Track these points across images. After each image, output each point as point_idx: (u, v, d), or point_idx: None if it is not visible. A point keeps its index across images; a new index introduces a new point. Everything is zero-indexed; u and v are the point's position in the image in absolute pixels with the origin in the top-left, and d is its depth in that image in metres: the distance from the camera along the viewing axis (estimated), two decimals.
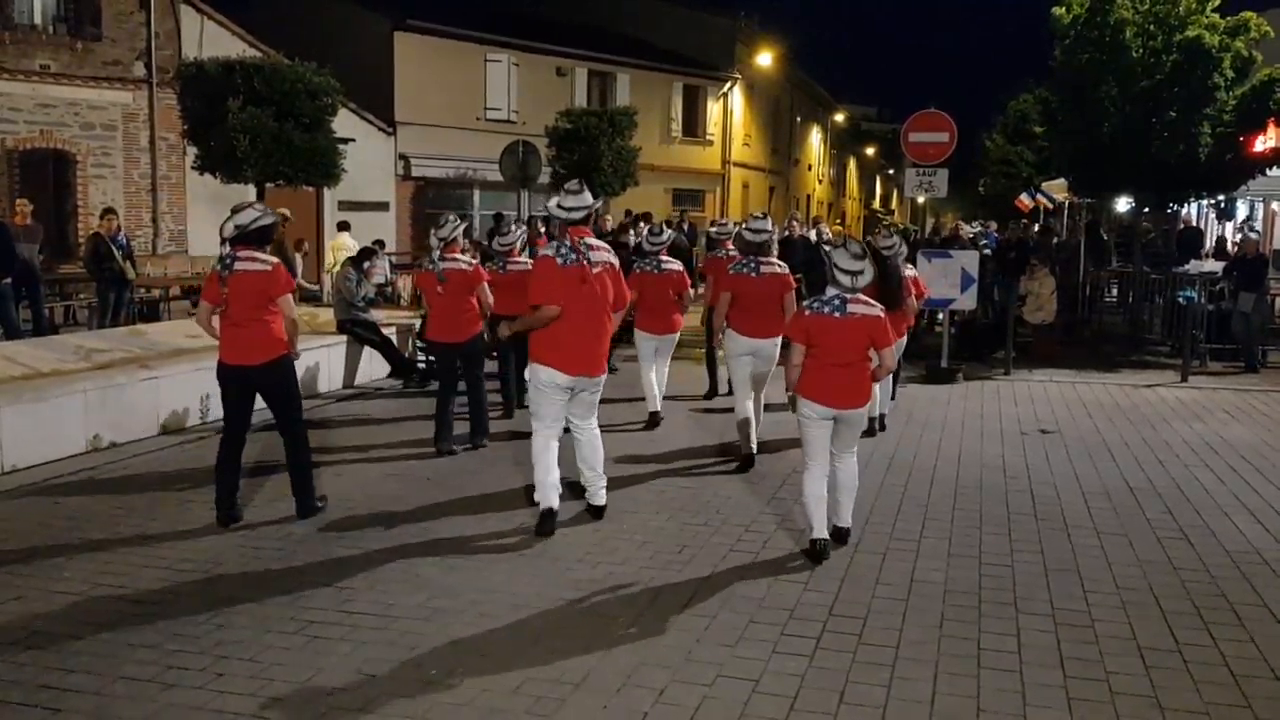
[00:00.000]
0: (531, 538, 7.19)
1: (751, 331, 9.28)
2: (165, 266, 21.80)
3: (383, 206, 27.80)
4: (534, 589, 6.27)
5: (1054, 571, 6.80)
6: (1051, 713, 4.87)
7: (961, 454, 10.01)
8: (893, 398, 11.80)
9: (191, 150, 19.92)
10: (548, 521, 7.29)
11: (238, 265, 7.24)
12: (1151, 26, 17.25)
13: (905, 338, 10.58)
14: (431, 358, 12.61)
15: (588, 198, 7.44)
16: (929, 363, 14.80)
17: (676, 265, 11.14)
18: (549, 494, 7.32)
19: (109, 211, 16.91)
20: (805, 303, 6.95)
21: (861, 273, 6.71)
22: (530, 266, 8.87)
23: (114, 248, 16.04)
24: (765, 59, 41.80)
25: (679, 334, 11.28)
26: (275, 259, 7.53)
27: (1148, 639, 5.73)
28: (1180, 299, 17.10)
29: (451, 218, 9.91)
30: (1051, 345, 16.98)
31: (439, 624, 5.69)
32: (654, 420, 10.90)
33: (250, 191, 19.97)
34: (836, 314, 6.69)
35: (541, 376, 7.27)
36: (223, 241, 7.39)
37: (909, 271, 10.98)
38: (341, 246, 20.20)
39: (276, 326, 7.33)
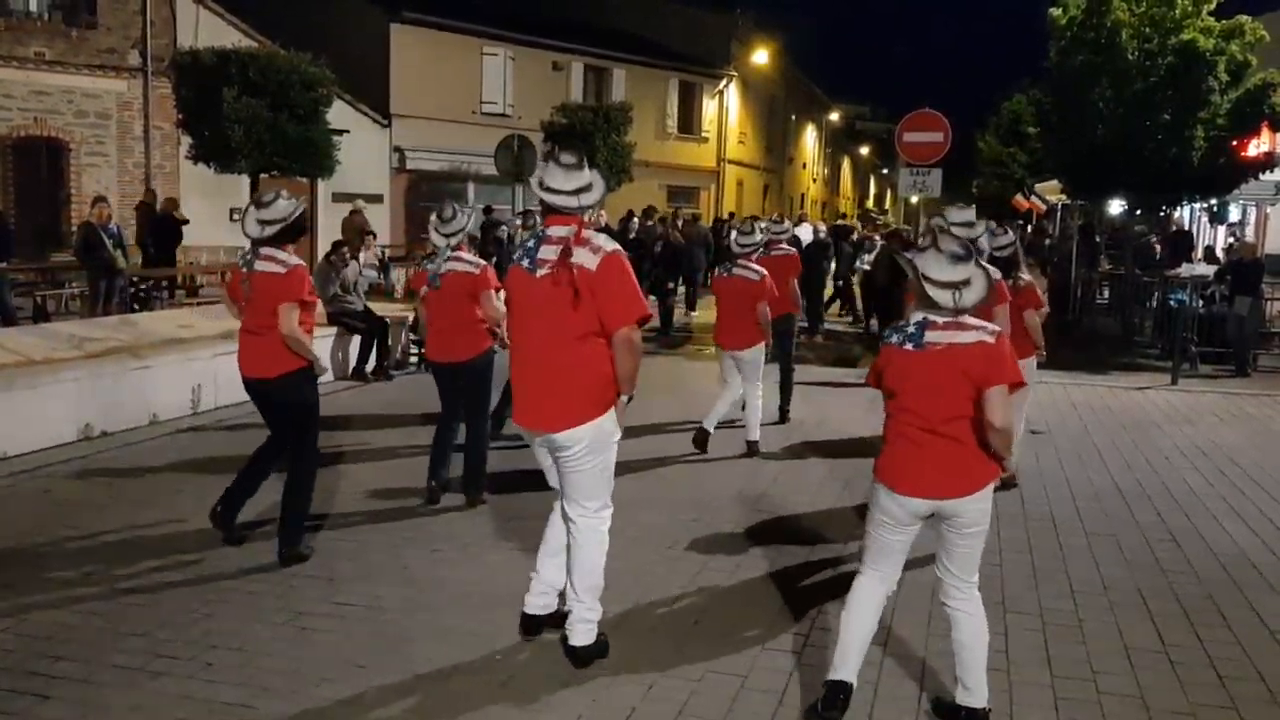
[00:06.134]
0: (518, 532, 7.18)
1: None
2: None
3: (377, 199, 27.75)
4: (523, 583, 6.25)
5: (1042, 572, 6.82)
6: (1039, 712, 4.89)
7: None
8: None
9: (186, 140, 19.91)
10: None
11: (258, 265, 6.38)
12: (1147, 29, 17.29)
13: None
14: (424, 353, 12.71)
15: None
16: None
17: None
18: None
19: (100, 200, 16.88)
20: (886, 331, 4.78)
21: (967, 283, 4.44)
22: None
23: (105, 237, 16.00)
24: (761, 56, 41.80)
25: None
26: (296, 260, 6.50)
27: (1135, 640, 5.74)
28: (1172, 302, 17.15)
29: (456, 206, 7.96)
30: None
31: (427, 616, 5.69)
32: None
33: (244, 182, 19.99)
34: (910, 345, 4.51)
35: None
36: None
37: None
38: None
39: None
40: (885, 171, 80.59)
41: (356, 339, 13.07)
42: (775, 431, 10.58)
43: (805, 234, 21.22)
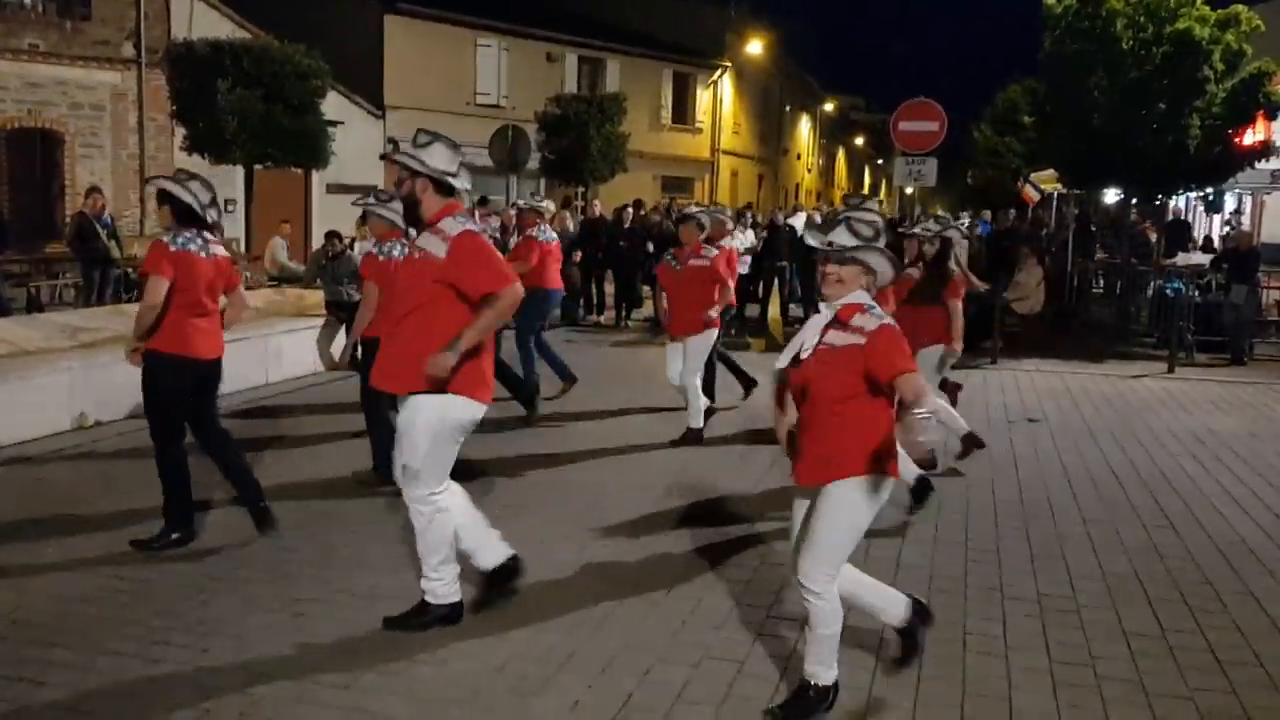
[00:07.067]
0: (514, 518, 7.17)
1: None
2: None
3: (371, 190, 27.70)
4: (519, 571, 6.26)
5: (1040, 558, 6.81)
6: (1037, 697, 4.88)
7: (948, 442, 9.99)
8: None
9: (180, 131, 19.87)
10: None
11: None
12: (1142, 18, 17.22)
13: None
14: None
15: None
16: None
17: None
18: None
19: (94, 191, 16.83)
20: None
21: None
22: None
23: (99, 227, 15.97)
24: (755, 47, 41.74)
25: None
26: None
27: (1133, 625, 5.74)
28: (1168, 291, 17.16)
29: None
30: (1039, 335, 17.00)
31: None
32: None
33: (238, 173, 19.95)
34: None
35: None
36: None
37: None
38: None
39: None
40: (880, 162, 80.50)
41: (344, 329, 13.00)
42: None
43: (799, 224, 21.15)
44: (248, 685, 4.68)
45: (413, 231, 5.52)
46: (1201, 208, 27.32)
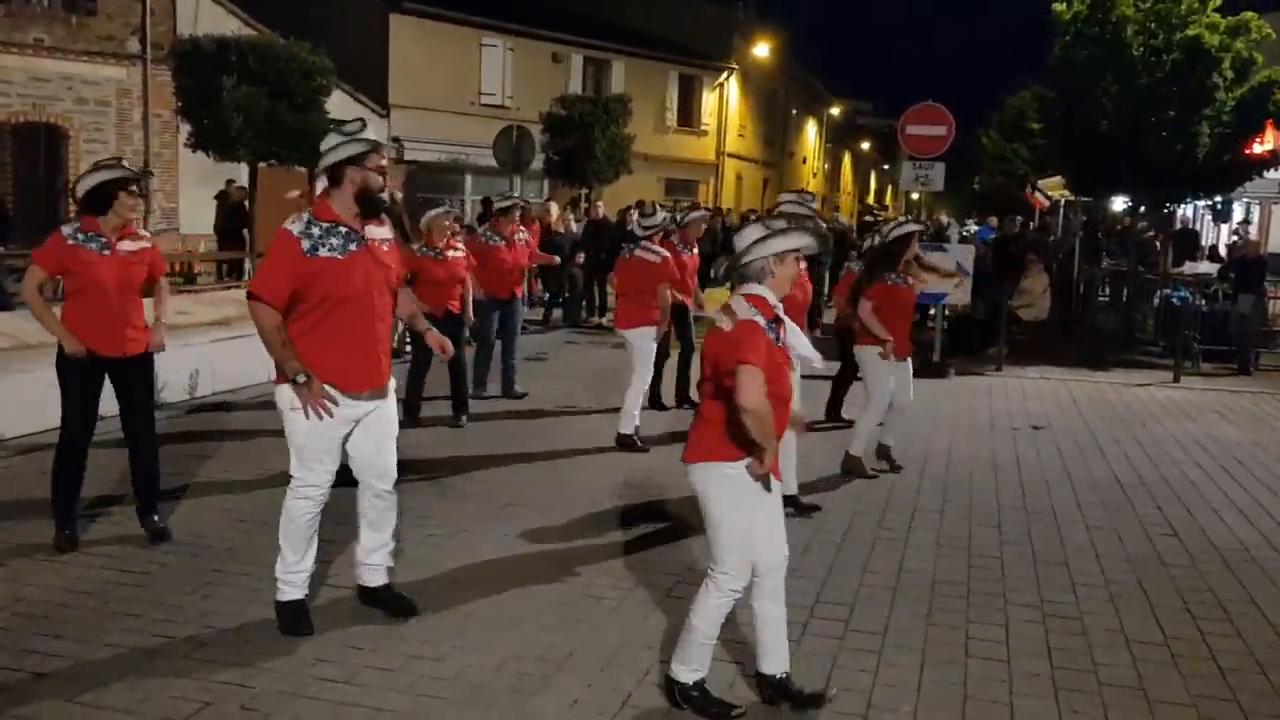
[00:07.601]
0: (514, 517, 7.15)
1: None
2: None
3: None
4: (518, 568, 6.24)
5: (1043, 564, 6.79)
6: (1038, 701, 4.86)
7: (952, 448, 10.00)
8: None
9: (184, 127, 19.86)
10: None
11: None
12: (1152, 25, 17.18)
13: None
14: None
15: None
16: (921, 357, 14.78)
17: None
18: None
19: None
20: None
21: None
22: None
23: None
24: (762, 50, 41.72)
25: None
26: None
27: (1136, 632, 5.72)
28: (1174, 299, 17.13)
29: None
30: (1044, 342, 16.97)
31: (421, 600, 5.63)
32: None
33: (242, 170, 19.96)
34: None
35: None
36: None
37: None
38: None
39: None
40: (886, 167, 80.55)
41: None
42: None
43: None
44: (247, 679, 4.67)
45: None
46: (1209, 217, 27.27)
